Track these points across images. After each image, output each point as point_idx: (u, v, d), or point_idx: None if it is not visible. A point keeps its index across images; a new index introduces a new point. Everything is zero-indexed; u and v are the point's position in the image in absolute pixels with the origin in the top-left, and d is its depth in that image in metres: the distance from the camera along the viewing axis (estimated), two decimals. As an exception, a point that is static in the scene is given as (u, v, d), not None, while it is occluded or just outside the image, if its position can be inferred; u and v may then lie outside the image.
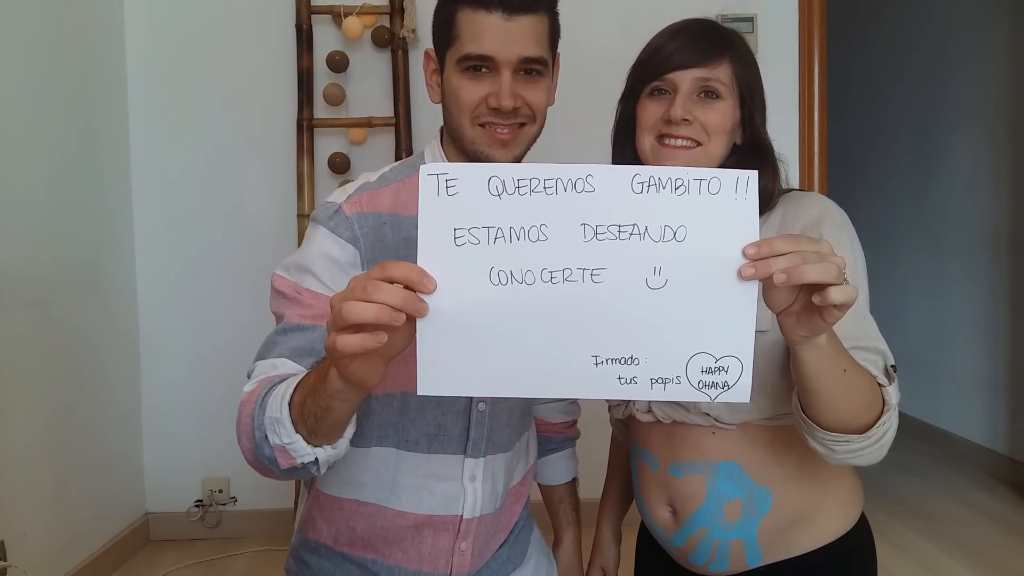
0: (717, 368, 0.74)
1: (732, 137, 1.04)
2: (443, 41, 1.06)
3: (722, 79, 1.01)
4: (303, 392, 0.84)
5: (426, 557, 1.10)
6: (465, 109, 1.05)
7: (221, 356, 2.63)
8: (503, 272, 0.73)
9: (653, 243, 0.72)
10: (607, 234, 0.72)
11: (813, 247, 0.70)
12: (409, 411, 1.07)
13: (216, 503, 2.71)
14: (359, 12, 2.53)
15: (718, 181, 0.72)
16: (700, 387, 0.74)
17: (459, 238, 0.72)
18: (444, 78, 1.07)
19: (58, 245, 2.26)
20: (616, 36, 2.49)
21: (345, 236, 1.03)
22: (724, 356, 0.73)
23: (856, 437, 0.85)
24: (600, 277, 0.73)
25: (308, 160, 2.55)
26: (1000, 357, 3.35)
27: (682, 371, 0.74)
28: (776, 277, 0.69)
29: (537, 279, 0.73)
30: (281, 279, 1.04)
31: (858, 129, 4.37)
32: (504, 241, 0.72)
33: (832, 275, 0.69)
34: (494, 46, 1.02)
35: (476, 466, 1.10)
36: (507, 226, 0.72)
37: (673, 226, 0.72)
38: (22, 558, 2.01)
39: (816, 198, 1.02)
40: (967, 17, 3.54)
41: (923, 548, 2.62)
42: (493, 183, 0.72)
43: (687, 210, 0.72)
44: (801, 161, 2.69)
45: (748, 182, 0.72)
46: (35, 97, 2.17)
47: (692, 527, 1.04)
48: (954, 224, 3.65)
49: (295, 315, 1.00)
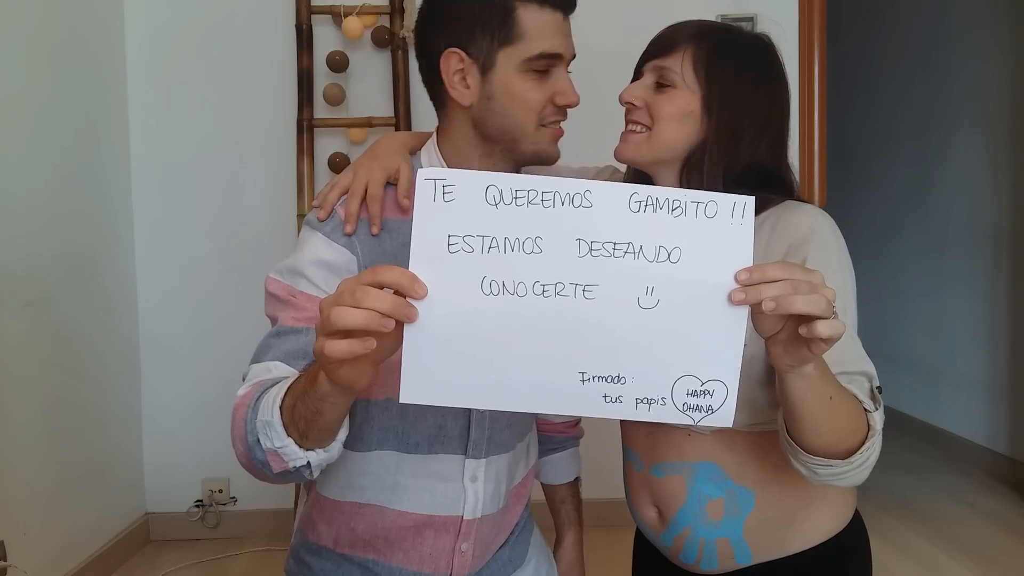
0: (702, 391, 0.74)
1: (688, 127, 1.02)
2: (493, 40, 1.01)
3: (675, 68, 1.02)
4: (293, 396, 0.83)
5: (427, 558, 1.10)
6: (533, 110, 1.03)
7: (221, 356, 2.63)
8: (495, 282, 0.72)
9: (647, 263, 0.72)
10: (602, 251, 0.72)
11: (805, 276, 0.71)
12: (409, 415, 1.06)
13: (216, 503, 2.71)
14: (359, 12, 2.53)
15: (715, 205, 0.72)
16: (684, 409, 0.74)
17: (452, 245, 0.72)
18: (493, 79, 1.02)
19: (58, 245, 2.26)
20: (616, 36, 2.49)
21: (341, 241, 1.02)
22: (710, 380, 0.73)
23: (839, 462, 0.86)
24: (592, 294, 0.72)
25: (308, 160, 2.55)
26: (1000, 357, 3.35)
27: (668, 393, 0.74)
28: (765, 304, 0.69)
29: (529, 291, 0.72)
30: (274, 282, 1.03)
31: (858, 129, 4.37)
32: (498, 251, 0.72)
33: (821, 308, 0.69)
34: (562, 45, 1.03)
35: (477, 467, 1.10)
36: (502, 236, 0.72)
37: (668, 247, 0.72)
38: (22, 558, 2.01)
39: (808, 213, 1.00)
40: (967, 18, 3.54)
41: (923, 548, 2.62)
42: (491, 192, 0.72)
43: (683, 232, 0.72)
44: (801, 161, 2.69)
45: (744, 207, 0.72)
46: (35, 96, 2.17)
47: (677, 527, 1.04)
48: (954, 224, 3.65)
49: (289, 318, 1.00)
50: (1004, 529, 2.80)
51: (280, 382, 0.89)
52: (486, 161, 1.07)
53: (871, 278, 4.17)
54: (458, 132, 1.07)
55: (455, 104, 1.05)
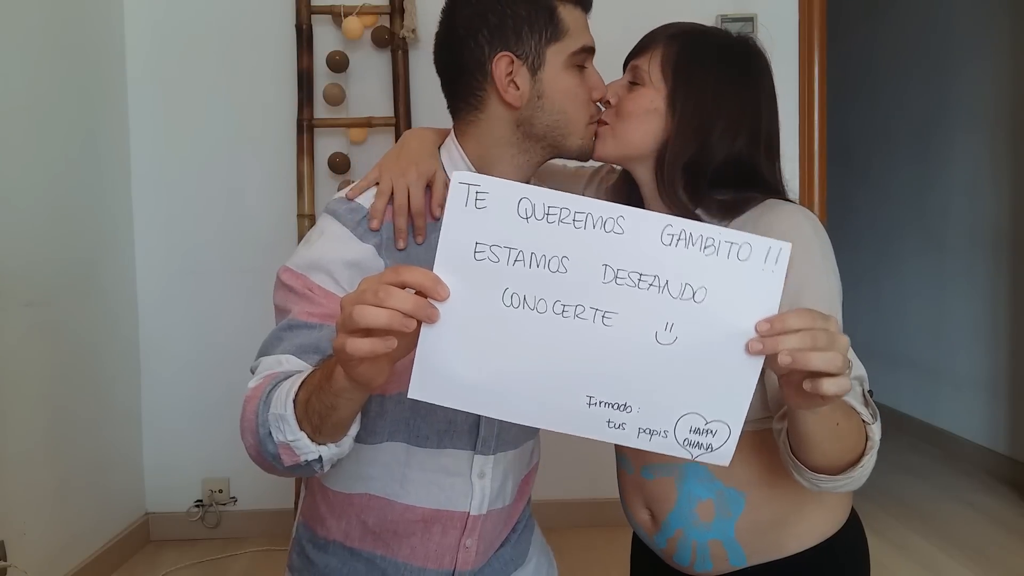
0: (705, 430, 0.74)
1: (652, 123, 1.03)
2: (541, 38, 1.02)
3: (644, 67, 1.04)
4: (308, 390, 0.84)
5: (432, 553, 1.10)
6: (587, 106, 1.06)
7: (221, 356, 2.63)
8: (516, 295, 0.72)
9: (671, 299, 0.71)
10: (627, 280, 0.71)
11: (823, 324, 0.70)
12: (420, 408, 1.06)
13: (216, 503, 2.71)
14: (359, 12, 2.53)
15: (749, 247, 0.70)
16: (684, 444, 0.74)
17: (479, 253, 0.71)
18: (543, 77, 1.03)
19: (58, 245, 2.26)
20: (616, 36, 2.48)
21: (371, 241, 1.02)
22: (715, 420, 0.73)
23: (841, 476, 0.87)
24: (611, 321, 0.72)
25: (308, 160, 2.55)
26: (1000, 357, 3.35)
27: (671, 427, 0.74)
28: (781, 358, 0.69)
29: (549, 309, 0.72)
30: (290, 273, 1.02)
31: (858, 129, 4.37)
32: (523, 265, 0.71)
33: (836, 366, 0.69)
34: (592, 40, 1.06)
35: (485, 463, 1.10)
36: (529, 251, 0.71)
37: (694, 285, 0.71)
38: (22, 558, 2.01)
39: (790, 212, 0.99)
40: (967, 17, 3.54)
41: (923, 548, 2.62)
42: (523, 205, 0.71)
43: (711, 271, 0.71)
44: (801, 161, 2.69)
45: (780, 253, 0.70)
46: (35, 97, 2.17)
47: (669, 529, 1.04)
48: (954, 224, 3.65)
49: (303, 312, 0.99)
50: (1004, 529, 2.80)
51: (292, 376, 0.89)
52: (519, 159, 1.07)
53: (871, 278, 4.17)
54: (491, 133, 1.06)
55: (501, 106, 1.04)
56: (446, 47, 1.07)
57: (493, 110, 1.05)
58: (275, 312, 1.05)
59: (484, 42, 1.02)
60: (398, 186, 1.04)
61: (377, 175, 1.06)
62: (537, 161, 1.09)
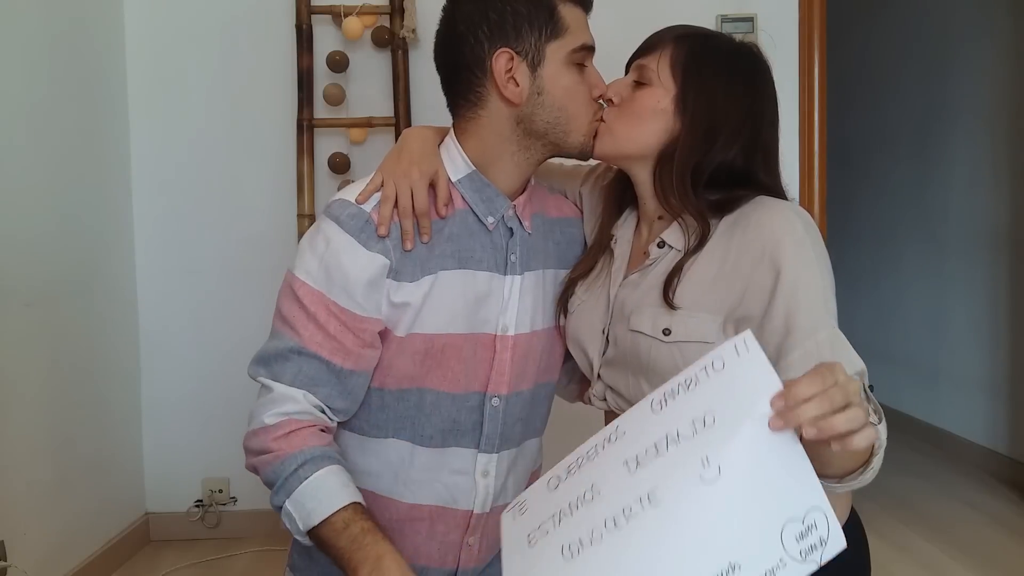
0: (807, 529, 0.68)
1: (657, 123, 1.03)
2: (541, 35, 1.02)
3: (652, 66, 1.04)
4: (329, 543, 0.96)
5: (435, 551, 1.11)
6: (588, 104, 1.06)
7: (221, 356, 2.63)
8: (573, 544, 0.73)
9: (690, 440, 0.71)
10: (647, 457, 0.73)
11: (833, 377, 0.69)
12: (425, 407, 1.07)
13: (216, 503, 2.71)
14: (359, 12, 2.53)
15: (720, 359, 0.72)
16: (804, 558, 0.67)
17: (532, 541, 0.77)
18: (543, 74, 1.03)
19: (58, 245, 2.25)
20: (616, 36, 2.48)
21: (377, 248, 1.02)
22: (806, 513, 0.68)
23: (849, 478, 0.87)
24: (657, 495, 0.70)
25: (308, 160, 2.55)
26: (1000, 357, 3.35)
27: (781, 550, 0.67)
28: (807, 432, 0.67)
29: (604, 533, 0.71)
30: (306, 289, 1.02)
31: (858, 129, 4.37)
32: (568, 516, 0.75)
33: (859, 422, 0.69)
34: (592, 38, 1.07)
35: (489, 461, 1.10)
36: (566, 504, 0.76)
37: (700, 417, 0.71)
38: (22, 558, 2.01)
39: (780, 210, 0.98)
40: (967, 17, 3.54)
41: (923, 548, 2.62)
42: (551, 482, 0.79)
43: (706, 396, 0.72)
44: (801, 161, 2.69)
45: (746, 342, 0.72)
46: (35, 96, 2.17)
47: None
48: (954, 224, 3.65)
49: (313, 341, 1.01)
50: (1004, 529, 2.80)
51: (321, 469, 0.99)
52: (519, 157, 1.08)
53: (871, 278, 4.17)
54: (492, 131, 1.06)
55: (501, 103, 1.05)
56: (446, 43, 1.07)
57: (493, 107, 1.05)
58: (277, 314, 1.05)
59: (484, 38, 1.02)
60: (402, 188, 1.04)
61: (380, 179, 1.06)
62: (537, 159, 1.09)
